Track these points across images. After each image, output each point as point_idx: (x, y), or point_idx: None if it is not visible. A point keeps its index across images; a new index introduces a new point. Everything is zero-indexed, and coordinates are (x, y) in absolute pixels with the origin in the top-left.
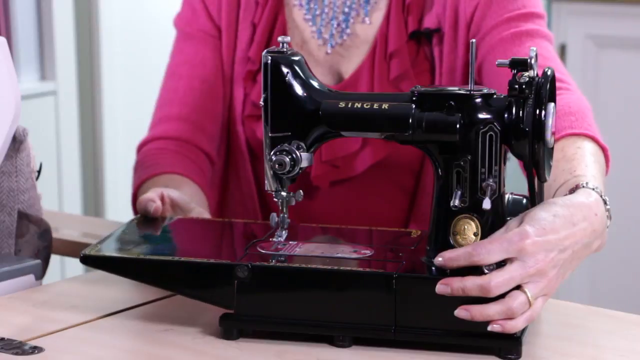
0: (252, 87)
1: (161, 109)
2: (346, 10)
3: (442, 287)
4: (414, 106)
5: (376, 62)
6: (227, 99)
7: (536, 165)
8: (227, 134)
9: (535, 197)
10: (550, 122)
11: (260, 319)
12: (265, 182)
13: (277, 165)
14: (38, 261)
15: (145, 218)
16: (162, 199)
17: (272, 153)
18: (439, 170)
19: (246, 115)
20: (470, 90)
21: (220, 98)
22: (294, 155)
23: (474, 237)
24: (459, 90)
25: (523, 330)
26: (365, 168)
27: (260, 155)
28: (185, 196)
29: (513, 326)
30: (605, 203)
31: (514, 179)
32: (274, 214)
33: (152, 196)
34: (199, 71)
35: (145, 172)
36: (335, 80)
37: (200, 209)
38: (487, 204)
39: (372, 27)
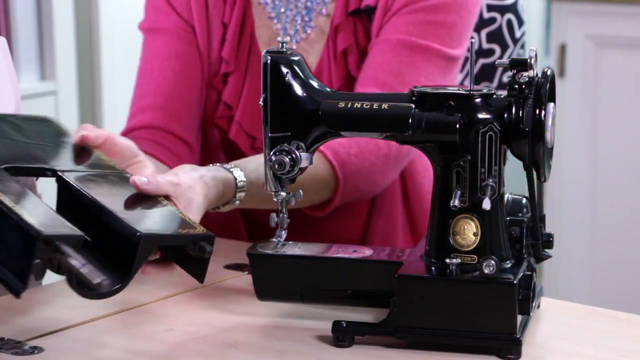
0: (223, 88)
1: (134, 104)
2: (309, 4)
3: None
4: (413, 106)
5: (329, 46)
6: (204, 93)
7: (536, 165)
8: (204, 132)
9: (535, 197)
10: (550, 122)
11: None
12: (265, 182)
13: (276, 166)
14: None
15: None
16: (105, 139)
17: (271, 153)
18: (439, 170)
19: (218, 116)
20: (470, 90)
21: (197, 89)
22: (294, 156)
23: (473, 237)
24: (459, 90)
25: (523, 330)
26: None
27: (234, 156)
28: (136, 148)
29: None
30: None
31: (514, 179)
32: (273, 214)
33: (87, 126)
34: (171, 63)
35: None
36: None
37: (147, 162)
38: (487, 204)
39: (329, 18)
